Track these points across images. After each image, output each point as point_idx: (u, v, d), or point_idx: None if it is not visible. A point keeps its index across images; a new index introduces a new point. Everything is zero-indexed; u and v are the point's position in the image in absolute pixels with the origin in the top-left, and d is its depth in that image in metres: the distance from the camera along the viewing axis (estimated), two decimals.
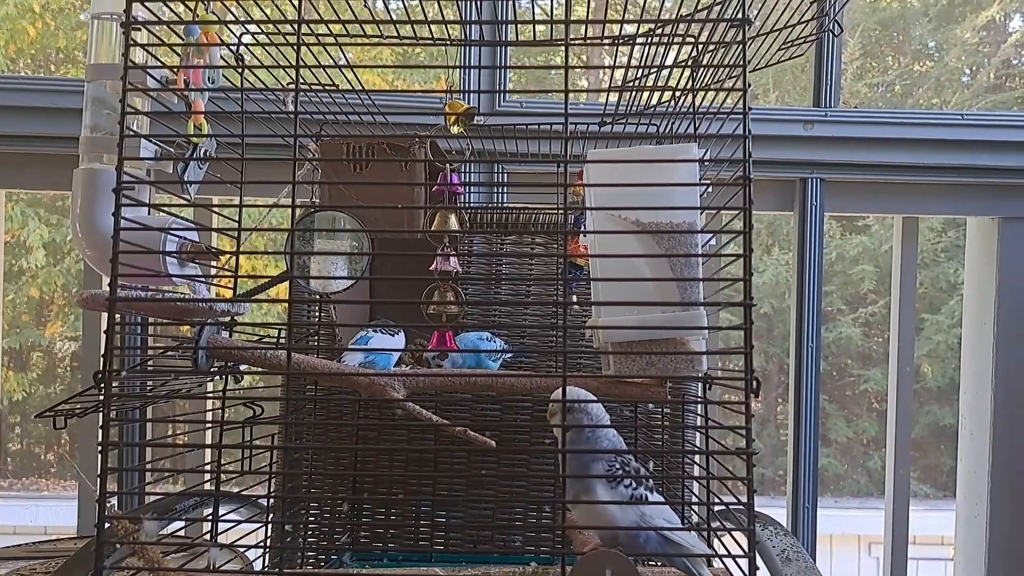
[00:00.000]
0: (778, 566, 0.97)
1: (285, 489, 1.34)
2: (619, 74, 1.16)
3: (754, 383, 0.66)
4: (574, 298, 1.31)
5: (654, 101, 1.15)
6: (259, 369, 0.85)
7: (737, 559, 0.66)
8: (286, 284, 1.12)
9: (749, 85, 0.77)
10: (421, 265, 1.14)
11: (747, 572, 0.63)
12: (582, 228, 1.25)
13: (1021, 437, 1.72)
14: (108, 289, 0.74)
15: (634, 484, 0.73)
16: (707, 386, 0.90)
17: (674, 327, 0.86)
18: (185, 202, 0.85)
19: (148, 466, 1.45)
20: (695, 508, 1.04)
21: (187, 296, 0.83)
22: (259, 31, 0.80)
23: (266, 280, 1.07)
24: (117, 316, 0.79)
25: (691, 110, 0.91)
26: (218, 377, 0.95)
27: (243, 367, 1.06)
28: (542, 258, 1.43)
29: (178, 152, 0.85)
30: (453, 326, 0.95)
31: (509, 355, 1.22)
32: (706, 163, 0.84)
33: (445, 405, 1.34)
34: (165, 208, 0.82)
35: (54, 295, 6.16)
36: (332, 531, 1.41)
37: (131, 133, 0.71)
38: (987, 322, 1.76)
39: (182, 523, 1.12)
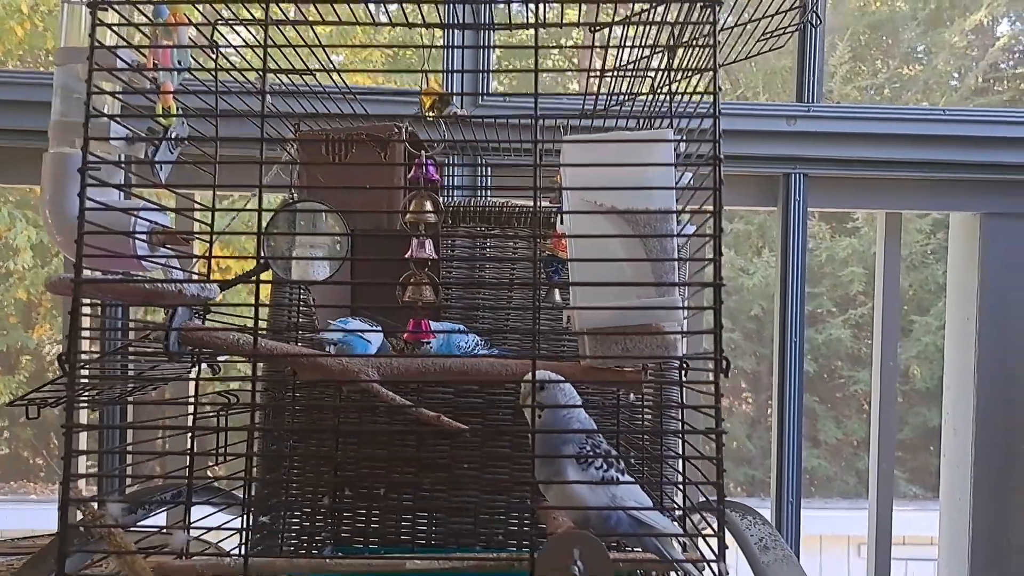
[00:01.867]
0: (756, 554, 0.97)
1: (263, 478, 1.33)
2: (597, 65, 1.16)
3: (724, 363, 0.65)
4: (556, 293, 1.30)
5: (630, 88, 1.15)
6: (226, 353, 0.84)
7: (707, 538, 0.65)
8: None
9: (721, 65, 0.77)
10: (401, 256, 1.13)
11: (717, 552, 0.63)
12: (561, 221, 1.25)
13: (1003, 433, 1.72)
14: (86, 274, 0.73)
15: (605, 465, 0.73)
16: (684, 370, 0.90)
17: (649, 309, 0.86)
18: (158, 186, 0.84)
19: (126, 454, 1.44)
20: (667, 493, 1.04)
21: (154, 278, 0.82)
22: (229, 14, 0.80)
23: (245, 272, 1.06)
24: (91, 301, 0.78)
25: (666, 93, 0.91)
26: (192, 364, 0.95)
27: (220, 357, 1.06)
28: (525, 255, 1.43)
29: (150, 135, 0.85)
30: (426, 310, 0.95)
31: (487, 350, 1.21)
32: (679, 141, 0.84)
33: (427, 400, 1.34)
34: (136, 192, 0.81)
35: (42, 297, 6.12)
36: (313, 524, 1.41)
37: (96, 113, 0.71)
38: (970, 317, 1.76)
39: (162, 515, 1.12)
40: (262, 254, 1.00)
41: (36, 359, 6.53)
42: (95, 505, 0.74)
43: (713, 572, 0.65)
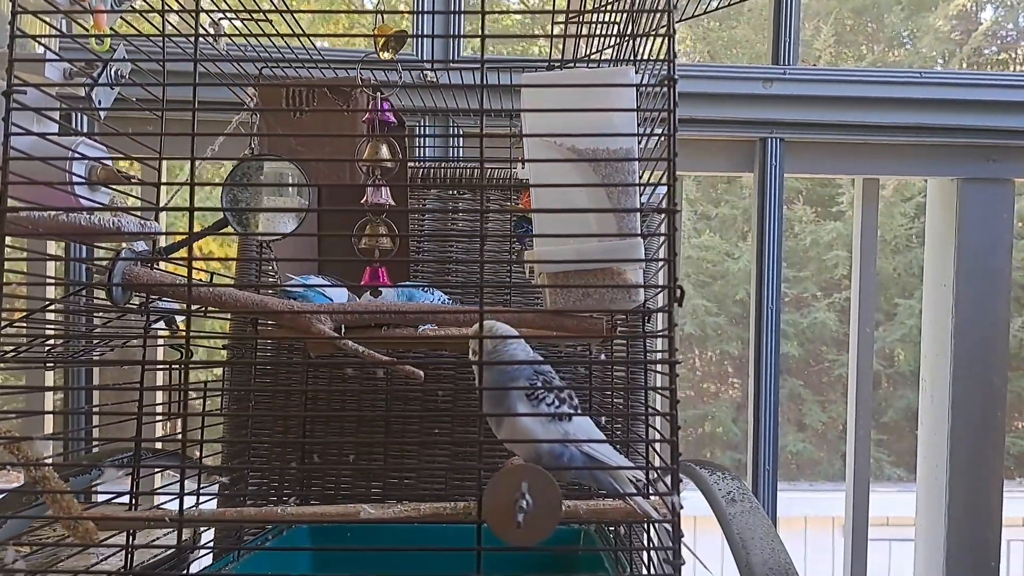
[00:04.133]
0: (723, 506, 0.95)
1: (226, 438, 1.30)
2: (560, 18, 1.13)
3: (678, 291, 0.63)
4: (525, 252, 1.28)
5: (591, 46, 1.12)
6: (170, 298, 0.81)
7: (660, 471, 0.63)
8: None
9: (682, 19, 0.75)
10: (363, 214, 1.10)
11: (670, 486, 0.61)
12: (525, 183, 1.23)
13: (979, 396, 1.71)
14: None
15: (557, 402, 0.70)
16: (646, 318, 0.88)
17: (609, 255, 0.83)
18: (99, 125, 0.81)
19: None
20: (635, 449, 1.01)
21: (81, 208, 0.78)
22: None
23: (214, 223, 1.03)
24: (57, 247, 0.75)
25: (627, 36, 0.88)
26: (140, 316, 0.92)
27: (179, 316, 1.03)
28: (496, 215, 1.40)
29: (89, 73, 0.81)
30: (384, 261, 0.92)
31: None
32: (641, 85, 0.81)
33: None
34: (73, 129, 0.78)
35: None
36: (281, 489, 1.38)
37: (21, 33, 0.67)
38: (947, 283, 1.75)
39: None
40: (217, 206, 0.98)
41: None
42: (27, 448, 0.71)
43: (668, 507, 0.63)
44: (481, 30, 0.67)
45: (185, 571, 0.99)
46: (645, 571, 0.86)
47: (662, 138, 0.76)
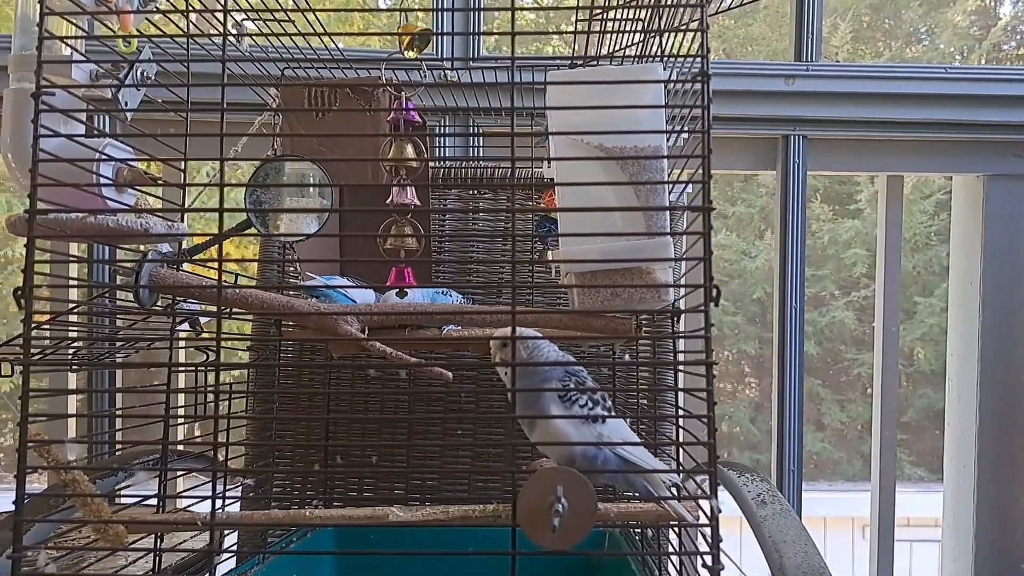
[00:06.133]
0: (752, 508, 0.94)
1: (249, 441, 1.30)
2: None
3: (713, 291, 0.62)
4: (549, 252, 1.27)
5: (617, 43, 1.11)
6: (196, 299, 0.81)
7: (696, 474, 0.62)
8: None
9: (712, 14, 0.74)
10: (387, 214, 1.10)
11: (709, 490, 0.59)
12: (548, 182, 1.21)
13: (1008, 396, 1.69)
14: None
15: (590, 403, 0.69)
16: (675, 318, 0.86)
17: (639, 252, 0.82)
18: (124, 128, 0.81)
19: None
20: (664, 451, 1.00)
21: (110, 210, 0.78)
22: None
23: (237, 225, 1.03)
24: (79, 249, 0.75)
25: (653, 31, 0.87)
26: (167, 319, 0.91)
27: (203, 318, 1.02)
28: (516, 215, 1.39)
29: (113, 71, 0.81)
30: (410, 261, 0.91)
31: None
32: (668, 81, 0.80)
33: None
34: (99, 131, 0.78)
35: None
36: (304, 491, 1.38)
37: (49, 35, 0.67)
38: (973, 281, 1.72)
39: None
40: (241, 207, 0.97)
41: None
42: (56, 451, 0.71)
43: (705, 513, 0.62)
44: (511, 27, 0.66)
45: (210, 575, 0.99)
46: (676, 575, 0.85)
47: (691, 135, 0.75)
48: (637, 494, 0.71)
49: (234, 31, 1.08)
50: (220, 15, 0.84)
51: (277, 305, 0.80)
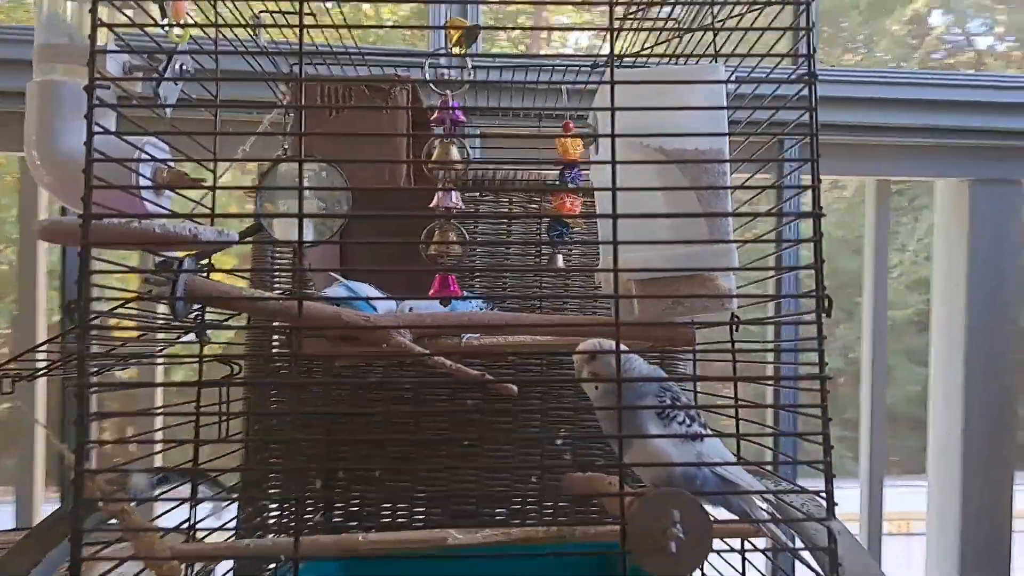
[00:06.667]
0: None
1: (248, 462, 1.23)
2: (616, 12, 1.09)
3: (825, 301, 0.60)
4: (560, 258, 1.23)
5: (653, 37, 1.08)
6: (251, 314, 0.75)
7: (819, 494, 0.59)
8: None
9: None
10: (400, 223, 1.05)
11: (827, 510, 0.57)
12: (568, 183, 1.18)
13: (995, 400, 1.72)
14: (73, 216, 0.64)
15: (688, 420, 0.66)
16: (735, 328, 0.84)
17: (702, 259, 0.80)
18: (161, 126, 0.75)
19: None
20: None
21: (165, 215, 0.72)
22: None
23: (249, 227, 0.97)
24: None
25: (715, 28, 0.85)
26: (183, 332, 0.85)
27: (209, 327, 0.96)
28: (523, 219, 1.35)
29: (150, 68, 0.75)
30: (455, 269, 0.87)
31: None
32: (729, 81, 0.78)
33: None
34: (140, 126, 0.71)
35: None
36: (302, 510, 1.31)
37: (104, 23, 0.61)
38: (959, 284, 1.75)
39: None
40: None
41: None
42: (102, 480, 0.65)
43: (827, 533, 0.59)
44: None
45: None
46: None
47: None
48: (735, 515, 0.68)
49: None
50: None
51: (326, 317, 0.75)
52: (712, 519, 0.57)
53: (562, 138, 1.16)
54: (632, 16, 1.02)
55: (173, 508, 0.83)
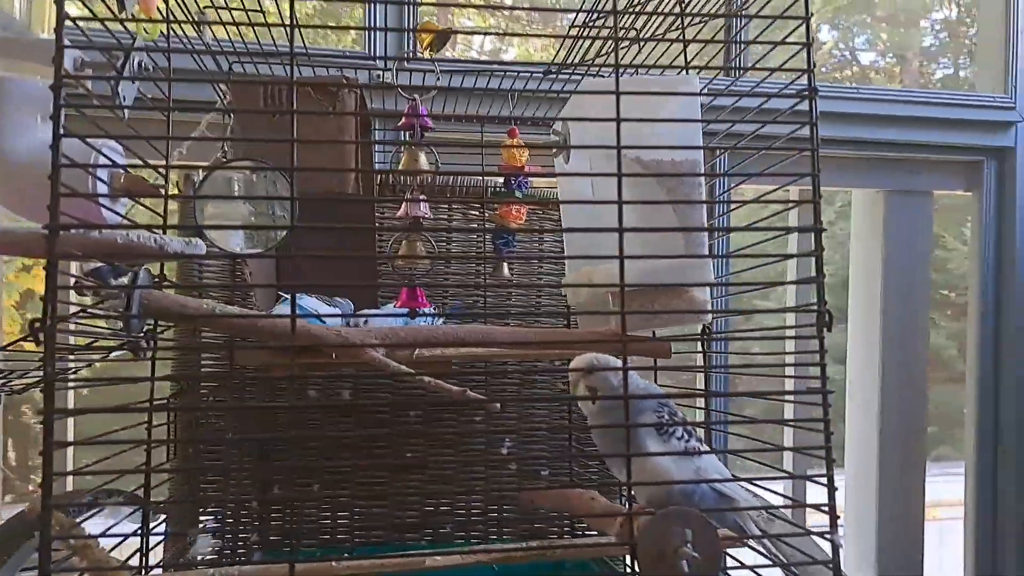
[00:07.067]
0: None
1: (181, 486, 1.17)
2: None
3: (826, 316, 0.60)
4: (505, 267, 1.22)
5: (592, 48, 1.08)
6: (215, 329, 0.70)
7: (821, 507, 0.60)
8: None
9: None
10: (346, 233, 1.01)
11: (830, 524, 0.57)
12: (514, 191, 1.17)
13: (909, 403, 1.80)
14: (30, 225, 0.58)
15: (686, 435, 0.66)
16: (706, 339, 0.84)
17: (680, 269, 0.80)
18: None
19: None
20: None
21: (124, 226, 0.67)
22: None
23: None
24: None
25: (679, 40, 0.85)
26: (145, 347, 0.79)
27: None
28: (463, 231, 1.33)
29: (104, 66, 0.69)
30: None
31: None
32: (703, 93, 0.78)
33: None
34: (101, 128, 0.66)
35: None
36: (236, 530, 1.25)
37: (68, 17, 0.55)
38: (875, 292, 1.82)
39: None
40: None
41: None
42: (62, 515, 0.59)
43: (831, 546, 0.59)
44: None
45: None
46: None
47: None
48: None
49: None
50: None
51: (306, 335, 0.71)
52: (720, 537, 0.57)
53: (508, 146, 1.14)
54: (607, 25, 1.02)
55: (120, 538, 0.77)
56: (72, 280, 0.72)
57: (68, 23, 0.63)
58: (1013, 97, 1.81)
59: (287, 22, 0.91)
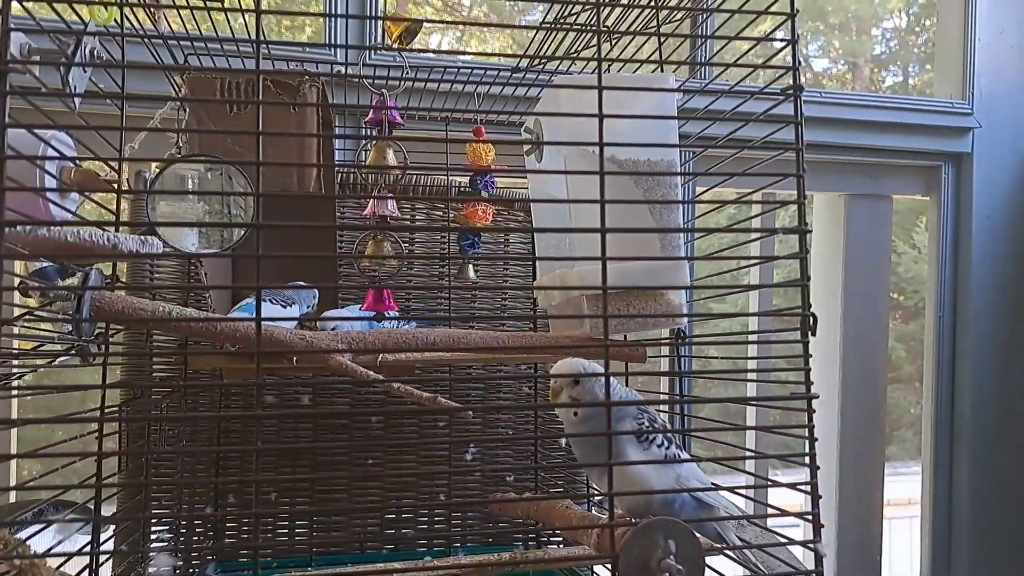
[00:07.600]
0: None
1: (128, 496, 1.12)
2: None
3: (811, 319, 0.58)
4: (470, 268, 1.19)
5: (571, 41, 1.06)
6: (167, 332, 0.66)
7: (804, 516, 0.58)
8: None
9: None
10: (308, 230, 0.98)
11: (813, 532, 0.56)
12: (480, 191, 1.15)
13: (869, 403, 1.81)
14: None
15: (665, 442, 0.64)
16: (679, 343, 0.83)
17: (656, 272, 0.78)
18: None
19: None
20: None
21: (76, 223, 0.62)
22: None
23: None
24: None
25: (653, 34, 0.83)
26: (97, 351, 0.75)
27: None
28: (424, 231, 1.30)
29: (55, 52, 0.65)
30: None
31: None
32: (681, 89, 0.76)
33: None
34: (50, 119, 0.62)
35: None
36: (190, 539, 1.21)
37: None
38: (836, 294, 1.83)
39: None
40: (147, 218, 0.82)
41: None
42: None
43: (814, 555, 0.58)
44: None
45: None
46: None
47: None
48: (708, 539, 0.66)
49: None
50: None
51: (269, 339, 0.68)
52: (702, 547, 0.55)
53: (474, 143, 1.12)
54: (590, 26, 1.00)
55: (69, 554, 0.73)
56: (16, 281, 0.68)
57: (15, 5, 0.59)
58: (971, 103, 1.84)
59: (250, 7, 0.88)
